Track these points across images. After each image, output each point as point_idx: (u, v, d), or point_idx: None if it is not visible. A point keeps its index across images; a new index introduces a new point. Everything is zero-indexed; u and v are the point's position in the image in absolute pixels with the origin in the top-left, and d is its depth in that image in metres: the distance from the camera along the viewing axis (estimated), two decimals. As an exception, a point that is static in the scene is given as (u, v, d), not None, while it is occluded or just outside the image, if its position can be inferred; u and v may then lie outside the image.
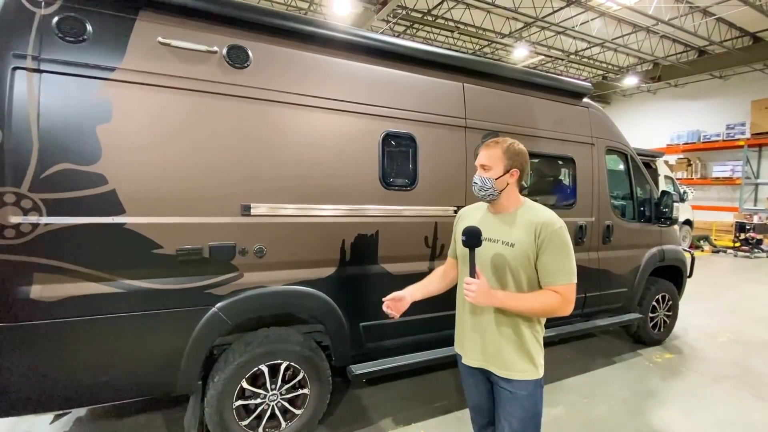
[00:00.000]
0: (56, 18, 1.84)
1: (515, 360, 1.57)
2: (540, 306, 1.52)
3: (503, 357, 1.58)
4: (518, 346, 1.58)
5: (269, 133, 2.29)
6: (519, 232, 1.57)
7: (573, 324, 3.58)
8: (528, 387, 1.57)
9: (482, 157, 1.62)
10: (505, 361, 1.58)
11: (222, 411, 2.25)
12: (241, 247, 2.23)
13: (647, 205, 4.07)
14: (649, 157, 9.29)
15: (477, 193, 1.63)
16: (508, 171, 1.59)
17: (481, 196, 1.63)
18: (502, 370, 1.58)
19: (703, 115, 14.82)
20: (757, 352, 4.27)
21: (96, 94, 1.91)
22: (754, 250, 10.94)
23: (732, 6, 9.88)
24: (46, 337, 1.86)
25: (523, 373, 1.57)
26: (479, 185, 1.62)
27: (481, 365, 1.64)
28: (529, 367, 1.58)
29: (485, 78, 3.07)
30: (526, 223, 1.57)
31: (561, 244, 1.53)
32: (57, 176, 1.83)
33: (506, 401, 1.59)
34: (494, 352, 1.59)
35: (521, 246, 1.54)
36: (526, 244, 1.54)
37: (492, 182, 1.59)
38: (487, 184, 1.59)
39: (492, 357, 1.60)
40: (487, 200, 1.64)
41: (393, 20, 11.32)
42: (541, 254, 1.53)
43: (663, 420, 2.95)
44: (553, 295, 1.52)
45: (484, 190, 1.60)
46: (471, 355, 1.68)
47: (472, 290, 1.47)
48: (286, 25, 2.34)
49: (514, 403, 1.58)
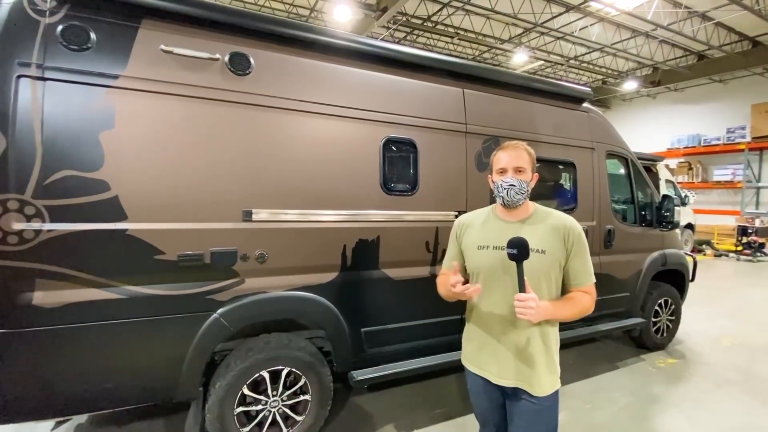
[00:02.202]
0: (60, 26, 1.86)
1: (545, 374, 1.53)
2: (579, 310, 1.51)
3: (538, 374, 1.51)
4: (548, 359, 1.55)
5: (271, 139, 2.31)
6: (547, 238, 1.52)
7: (575, 329, 3.56)
8: (552, 398, 1.54)
9: (516, 159, 1.54)
10: (539, 378, 1.51)
11: (223, 417, 2.24)
12: (243, 253, 2.23)
13: (648, 209, 4.06)
14: (649, 161, 9.30)
15: (510, 197, 1.53)
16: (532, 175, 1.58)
17: (515, 200, 1.53)
18: (536, 388, 1.51)
19: (703, 119, 14.84)
20: (761, 356, 4.24)
21: (99, 102, 1.92)
22: (756, 254, 10.91)
23: (731, 11, 9.93)
24: (48, 343, 1.86)
25: (551, 386, 1.54)
26: (517, 188, 1.51)
27: (512, 384, 1.54)
28: (555, 378, 1.56)
29: (485, 84, 3.08)
30: (550, 229, 1.54)
31: (584, 246, 1.55)
32: (60, 183, 1.84)
33: (529, 414, 1.53)
34: (528, 370, 1.52)
35: (553, 252, 1.51)
36: (558, 250, 1.52)
37: (527, 185, 1.54)
38: (524, 187, 1.52)
39: (525, 375, 1.52)
40: (515, 205, 1.55)
41: (393, 27, 11.39)
42: (572, 258, 1.53)
43: (666, 426, 2.93)
44: (585, 296, 1.53)
45: (520, 193, 1.52)
46: (500, 374, 1.56)
47: (531, 307, 1.34)
48: (287, 33, 2.36)
49: (537, 416, 1.52)
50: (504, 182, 1.53)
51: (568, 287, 1.57)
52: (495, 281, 1.54)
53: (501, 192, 1.55)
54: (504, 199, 1.55)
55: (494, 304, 1.56)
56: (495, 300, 1.56)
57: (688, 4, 10.04)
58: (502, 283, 1.52)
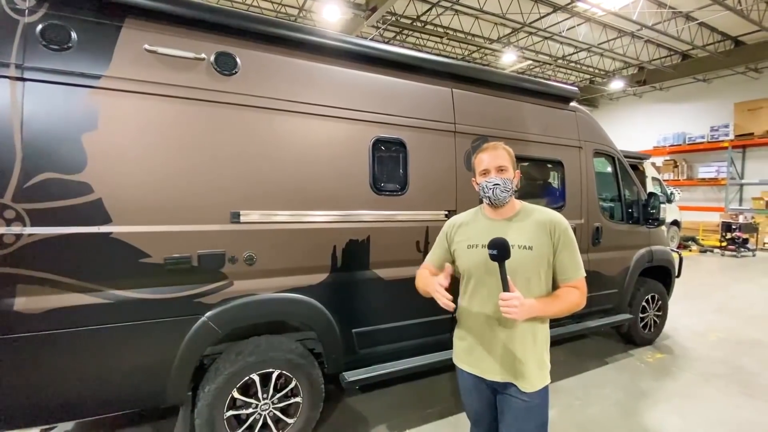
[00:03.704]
0: (40, 26, 1.82)
1: (534, 370, 1.54)
2: (567, 306, 1.52)
3: (530, 369, 1.53)
4: (538, 354, 1.56)
5: (258, 139, 2.28)
6: (533, 234, 1.54)
7: (565, 326, 3.60)
8: (542, 394, 1.55)
9: (497, 158, 1.57)
10: (529, 374, 1.53)
11: (213, 422, 2.21)
12: (231, 255, 2.21)
13: (635, 207, 4.12)
14: (636, 159, 9.43)
15: (497, 196, 1.55)
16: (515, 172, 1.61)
17: (502, 198, 1.56)
18: (527, 383, 1.53)
19: (687, 117, 15.12)
20: (746, 350, 4.33)
21: (81, 102, 1.88)
22: (740, 249, 11.14)
23: (714, 11, 10.13)
24: (30, 350, 1.82)
25: (541, 382, 1.55)
26: (501, 186, 1.54)
27: (505, 379, 1.56)
28: (544, 374, 1.57)
29: (474, 83, 3.09)
30: (536, 224, 1.56)
31: (572, 240, 1.57)
32: (41, 185, 1.80)
33: (519, 411, 1.54)
34: (519, 365, 1.53)
35: (540, 248, 1.53)
36: (545, 246, 1.54)
37: (512, 183, 1.57)
38: (509, 185, 1.56)
39: (517, 371, 1.53)
40: (502, 203, 1.58)
41: (382, 26, 11.39)
42: (558, 253, 1.55)
43: (655, 420, 2.97)
44: (574, 291, 1.55)
45: (506, 191, 1.55)
46: (493, 370, 1.57)
47: (515, 305, 1.36)
48: (274, 32, 2.34)
49: (527, 413, 1.53)
50: (488, 182, 1.57)
51: (557, 282, 1.59)
52: (485, 279, 1.56)
53: (487, 192, 1.58)
54: (491, 198, 1.58)
55: (484, 302, 1.58)
56: (484, 298, 1.57)
57: (672, 5, 10.22)
58: (490, 281, 1.54)
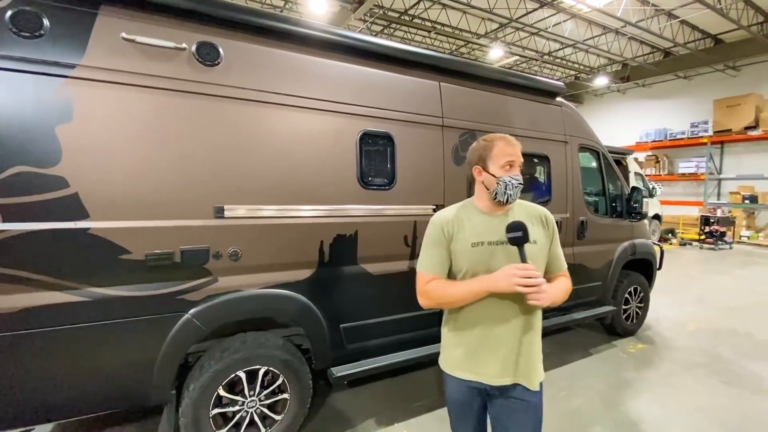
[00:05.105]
0: (10, 12, 1.73)
1: (539, 365, 1.51)
2: (564, 293, 1.53)
3: (536, 367, 1.49)
4: (540, 349, 1.54)
5: (242, 132, 2.23)
6: (533, 228, 1.48)
7: (551, 318, 3.64)
8: (540, 393, 1.51)
9: (519, 154, 1.50)
10: (536, 370, 1.48)
11: (198, 420, 2.18)
12: (215, 251, 2.16)
13: (619, 201, 4.19)
14: (619, 154, 9.59)
15: (511, 194, 1.45)
16: None
17: (515, 196, 1.48)
18: (535, 381, 1.47)
19: (669, 113, 15.43)
20: (724, 339, 4.46)
21: (55, 93, 1.80)
22: (718, 242, 11.47)
23: (694, 9, 10.33)
24: (6, 350, 1.75)
25: (541, 376, 1.51)
26: (517, 185, 1.46)
27: (514, 381, 1.47)
28: (542, 367, 1.54)
29: (461, 77, 3.08)
30: (531, 218, 1.54)
31: (557, 232, 1.60)
32: (12, 180, 1.72)
33: (519, 413, 1.47)
34: (529, 363, 1.47)
35: (542, 241, 1.52)
36: (544, 238, 1.54)
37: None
38: (522, 184, 1.50)
39: (526, 369, 1.47)
40: (513, 201, 1.50)
41: (370, 20, 11.28)
42: (552, 244, 1.57)
43: (638, 409, 3.04)
44: (566, 279, 1.58)
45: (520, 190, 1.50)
46: (502, 373, 1.46)
47: (545, 291, 1.30)
48: (258, 22, 2.29)
49: (527, 414, 1.47)
50: (514, 179, 1.45)
51: (549, 273, 1.58)
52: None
53: (509, 190, 1.45)
54: (510, 197, 1.46)
55: (487, 303, 1.45)
56: (488, 299, 1.44)
57: (655, 2, 10.38)
58: None
